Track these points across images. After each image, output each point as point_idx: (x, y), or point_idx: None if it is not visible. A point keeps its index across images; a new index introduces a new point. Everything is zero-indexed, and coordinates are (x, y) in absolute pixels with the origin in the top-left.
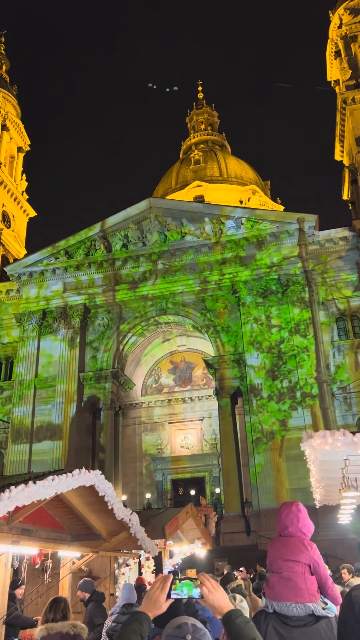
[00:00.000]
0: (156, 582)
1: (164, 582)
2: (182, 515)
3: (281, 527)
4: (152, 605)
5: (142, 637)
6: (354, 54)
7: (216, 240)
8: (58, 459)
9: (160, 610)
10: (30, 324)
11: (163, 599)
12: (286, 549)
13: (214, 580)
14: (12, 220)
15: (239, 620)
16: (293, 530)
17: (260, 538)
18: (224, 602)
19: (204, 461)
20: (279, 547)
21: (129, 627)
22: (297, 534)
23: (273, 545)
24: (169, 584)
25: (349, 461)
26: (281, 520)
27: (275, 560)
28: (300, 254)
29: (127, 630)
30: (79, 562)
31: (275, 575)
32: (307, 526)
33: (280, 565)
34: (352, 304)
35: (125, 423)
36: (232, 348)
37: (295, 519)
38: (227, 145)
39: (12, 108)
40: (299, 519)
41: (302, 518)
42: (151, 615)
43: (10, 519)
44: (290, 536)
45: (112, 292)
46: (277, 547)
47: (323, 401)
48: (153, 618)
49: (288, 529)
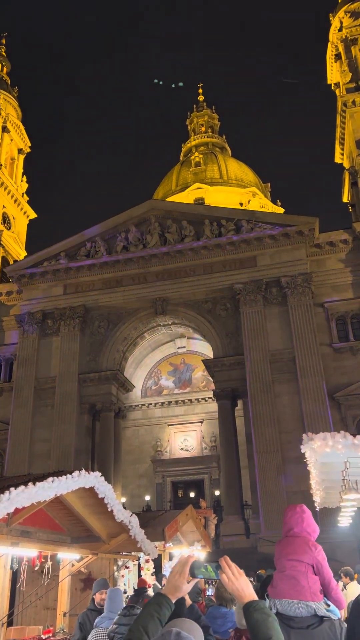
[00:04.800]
0: (176, 566)
1: (183, 566)
2: (182, 518)
3: (287, 528)
4: (172, 589)
5: (160, 620)
6: (354, 56)
7: (216, 242)
8: (57, 461)
9: (181, 592)
10: (30, 325)
11: (183, 582)
12: (290, 549)
13: (236, 567)
14: (12, 221)
15: (256, 615)
16: (298, 530)
17: (260, 541)
18: (246, 590)
19: (204, 463)
20: (284, 546)
21: (147, 610)
22: (302, 534)
23: (279, 546)
24: (188, 568)
25: (350, 463)
26: (286, 522)
27: (279, 560)
28: (300, 256)
29: (145, 612)
30: (78, 564)
31: (278, 574)
32: (312, 527)
33: (284, 564)
34: (352, 307)
35: (124, 425)
36: (232, 350)
37: (300, 520)
38: (228, 147)
39: (12, 110)
40: (303, 520)
41: (307, 519)
42: (172, 598)
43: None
44: (295, 536)
45: (112, 294)
46: (282, 547)
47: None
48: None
49: (293, 530)
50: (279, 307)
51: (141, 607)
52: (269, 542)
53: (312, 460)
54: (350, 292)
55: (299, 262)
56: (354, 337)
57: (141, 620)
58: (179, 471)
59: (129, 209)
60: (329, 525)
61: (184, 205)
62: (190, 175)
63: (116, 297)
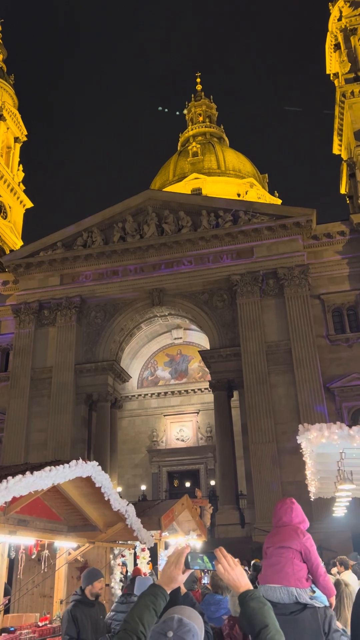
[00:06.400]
0: (171, 557)
1: (179, 557)
2: (178, 507)
3: (277, 518)
4: (168, 579)
5: (155, 611)
6: (354, 47)
7: (213, 233)
8: (54, 451)
9: (177, 583)
10: (27, 315)
11: (178, 573)
12: (279, 537)
13: (231, 557)
14: (8, 211)
15: (252, 603)
16: (287, 519)
17: (254, 530)
18: (241, 580)
19: (200, 454)
20: (273, 535)
21: (143, 600)
22: (291, 523)
23: (268, 536)
24: (183, 559)
25: (345, 454)
26: (276, 512)
27: (267, 549)
28: (297, 247)
29: (140, 603)
30: (75, 553)
31: (265, 560)
32: (301, 517)
33: (272, 552)
34: (348, 299)
35: (121, 415)
36: (228, 341)
37: (289, 510)
38: (225, 137)
39: (9, 98)
40: (292, 510)
41: (296, 509)
42: (167, 589)
43: (7, 509)
44: (284, 525)
45: (109, 284)
46: (271, 537)
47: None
48: (169, 592)
49: (282, 519)
50: (276, 299)
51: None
52: (264, 531)
53: (307, 451)
54: (346, 284)
55: (296, 254)
56: (350, 329)
57: (137, 610)
58: (175, 461)
59: (126, 199)
60: (323, 515)
61: (181, 196)
62: (187, 166)
63: (113, 288)
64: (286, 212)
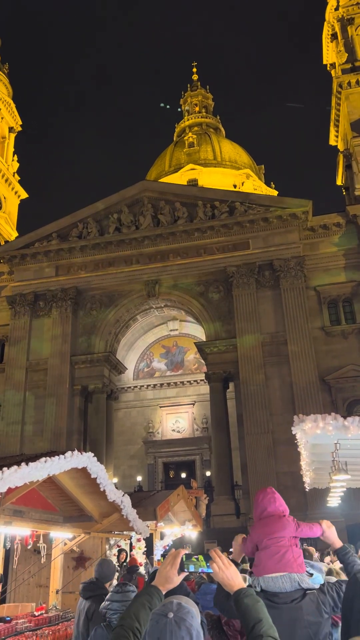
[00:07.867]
0: (167, 558)
1: (174, 558)
2: (174, 498)
3: (260, 510)
4: (163, 580)
5: (151, 609)
6: (351, 37)
7: (209, 224)
8: (49, 442)
9: (172, 584)
10: (22, 306)
11: (174, 574)
12: (270, 527)
13: (226, 557)
14: (3, 202)
15: (247, 600)
16: (272, 510)
17: (250, 520)
18: (235, 580)
19: (195, 445)
20: (262, 527)
21: (139, 600)
22: (276, 512)
23: (255, 529)
24: (179, 560)
25: (340, 445)
26: (259, 504)
27: (261, 540)
28: (293, 239)
29: (136, 602)
30: (70, 543)
31: (263, 551)
32: (284, 506)
33: (268, 542)
34: (344, 290)
35: (117, 406)
36: (224, 333)
37: (272, 500)
38: (222, 128)
39: (3, 87)
40: (275, 500)
41: (278, 499)
42: (163, 590)
43: (3, 500)
44: (270, 516)
45: (105, 275)
46: (260, 528)
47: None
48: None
49: (267, 510)
50: (272, 291)
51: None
52: None
53: (302, 442)
54: (342, 276)
55: (292, 246)
56: (345, 320)
57: (133, 608)
58: (171, 452)
59: (122, 190)
60: (318, 505)
61: (177, 187)
62: (183, 156)
63: (108, 279)
64: (282, 203)
